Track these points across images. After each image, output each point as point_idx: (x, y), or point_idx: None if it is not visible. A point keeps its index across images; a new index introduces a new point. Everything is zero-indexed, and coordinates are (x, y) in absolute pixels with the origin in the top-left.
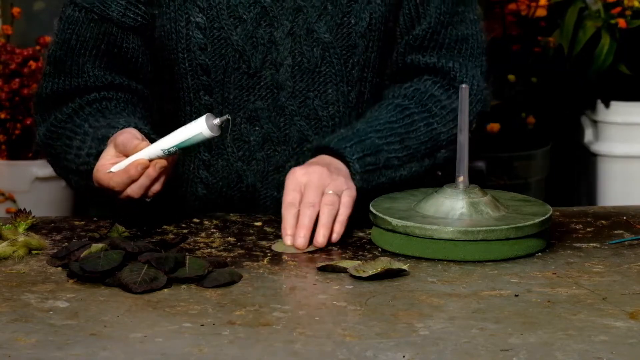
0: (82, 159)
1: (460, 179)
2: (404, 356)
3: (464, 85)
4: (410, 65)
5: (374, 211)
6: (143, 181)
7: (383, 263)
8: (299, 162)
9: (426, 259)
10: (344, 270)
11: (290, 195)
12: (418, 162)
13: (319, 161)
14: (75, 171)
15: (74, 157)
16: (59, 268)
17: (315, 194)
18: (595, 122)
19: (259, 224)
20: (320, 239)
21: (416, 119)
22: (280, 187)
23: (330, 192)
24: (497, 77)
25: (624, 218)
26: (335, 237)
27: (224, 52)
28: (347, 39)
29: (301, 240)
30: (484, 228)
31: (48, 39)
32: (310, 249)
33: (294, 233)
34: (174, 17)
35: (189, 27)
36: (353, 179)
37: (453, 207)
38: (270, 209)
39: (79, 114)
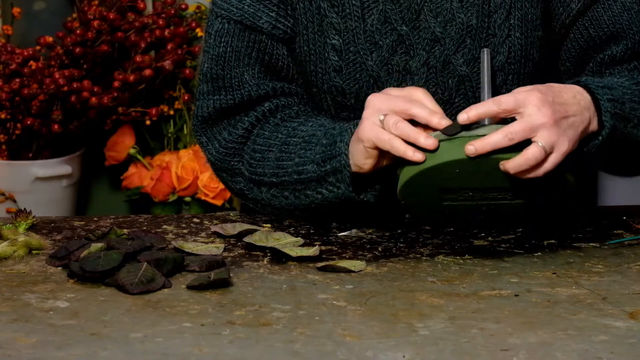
0: (289, 168)
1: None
2: (404, 356)
3: (485, 50)
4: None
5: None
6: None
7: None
8: None
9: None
10: (344, 270)
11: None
12: None
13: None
14: (275, 183)
15: (273, 169)
16: (59, 268)
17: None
18: None
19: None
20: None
21: None
22: None
23: (541, 144)
24: None
25: (624, 218)
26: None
27: (359, 76)
28: None
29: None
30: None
31: (49, 39)
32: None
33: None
34: (312, 38)
35: (326, 48)
36: (603, 117)
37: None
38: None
39: (261, 126)
